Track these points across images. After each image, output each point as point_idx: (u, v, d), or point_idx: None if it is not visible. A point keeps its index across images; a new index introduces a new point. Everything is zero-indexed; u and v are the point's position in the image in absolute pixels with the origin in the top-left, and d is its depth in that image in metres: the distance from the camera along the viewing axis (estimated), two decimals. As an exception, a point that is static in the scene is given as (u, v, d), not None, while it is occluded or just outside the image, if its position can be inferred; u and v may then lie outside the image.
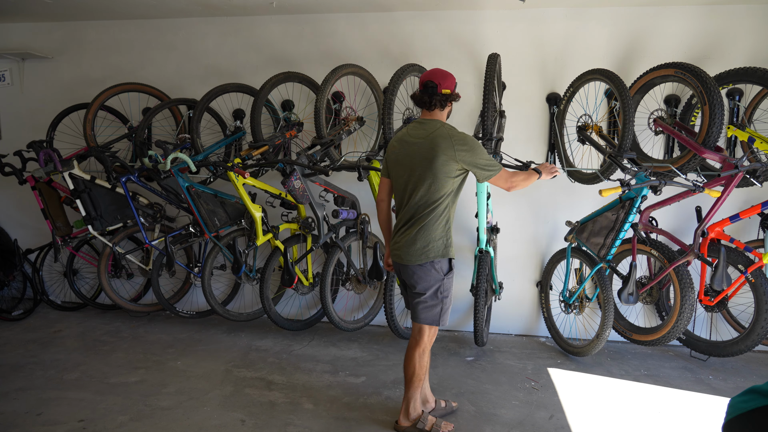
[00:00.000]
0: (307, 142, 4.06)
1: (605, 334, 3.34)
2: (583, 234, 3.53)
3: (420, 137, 2.43)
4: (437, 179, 2.37)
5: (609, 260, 3.34)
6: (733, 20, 3.72)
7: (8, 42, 4.62)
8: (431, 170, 2.37)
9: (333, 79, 3.46)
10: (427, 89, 2.43)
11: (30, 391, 3.02)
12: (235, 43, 4.38)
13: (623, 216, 3.24)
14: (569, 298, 3.60)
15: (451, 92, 2.45)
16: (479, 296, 3.44)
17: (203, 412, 2.79)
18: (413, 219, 2.43)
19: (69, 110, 4.36)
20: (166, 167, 3.59)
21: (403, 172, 2.46)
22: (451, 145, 2.37)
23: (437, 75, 2.44)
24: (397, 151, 2.50)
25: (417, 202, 2.41)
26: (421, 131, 2.44)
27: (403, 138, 2.50)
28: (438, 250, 2.42)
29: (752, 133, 3.29)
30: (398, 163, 2.49)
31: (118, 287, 4.45)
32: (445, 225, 2.44)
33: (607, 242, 3.32)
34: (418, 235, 2.41)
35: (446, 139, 2.38)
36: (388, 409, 2.85)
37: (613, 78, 3.23)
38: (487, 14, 3.99)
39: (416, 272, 2.44)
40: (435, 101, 2.45)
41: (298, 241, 3.90)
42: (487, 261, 3.53)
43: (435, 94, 2.43)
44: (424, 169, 2.38)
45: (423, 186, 2.39)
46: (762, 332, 3.17)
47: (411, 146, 2.44)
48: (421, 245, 2.41)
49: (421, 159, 2.39)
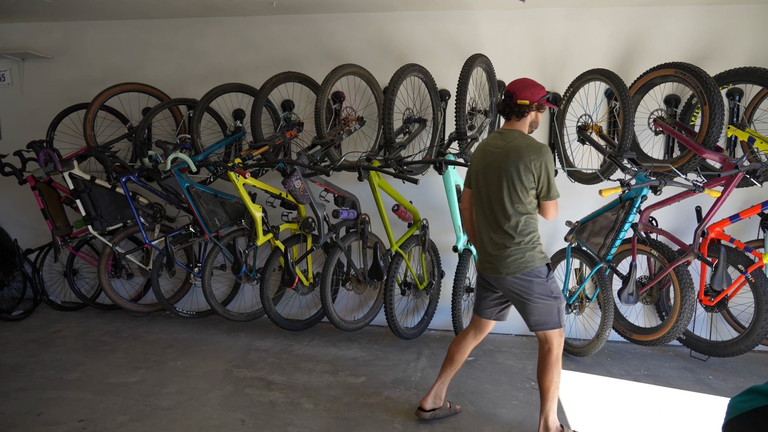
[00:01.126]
0: (307, 142, 4.06)
1: (605, 334, 3.33)
2: (583, 234, 3.52)
3: (498, 147, 2.42)
4: (516, 190, 2.35)
5: (609, 260, 3.34)
6: (733, 20, 3.72)
7: (8, 42, 4.62)
8: (510, 181, 2.35)
9: (333, 79, 3.46)
10: (505, 99, 2.45)
11: (30, 391, 3.02)
12: (235, 43, 4.38)
13: (623, 216, 3.23)
14: (569, 298, 3.59)
15: (529, 102, 2.40)
16: (456, 294, 3.54)
17: (203, 412, 2.79)
18: (500, 231, 2.41)
19: (69, 110, 4.36)
20: (166, 167, 3.59)
21: (483, 182, 2.45)
22: (527, 155, 2.33)
23: (519, 85, 2.43)
24: (478, 162, 2.50)
25: (501, 214, 2.40)
26: (500, 141, 2.43)
27: (484, 148, 2.49)
28: (534, 260, 2.39)
29: (752, 133, 3.29)
30: (479, 174, 2.48)
31: (118, 287, 4.45)
32: (533, 234, 2.41)
33: (607, 242, 3.32)
34: (511, 248, 2.38)
35: (522, 149, 2.34)
36: (388, 409, 2.85)
37: (613, 78, 3.24)
38: (487, 14, 3.99)
39: (517, 282, 2.40)
40: (509, 111, 2.44)
41: (299, 241, 3.90)
42: (468, 259, 3.57)
43: (509, 104, 2.43)
44: (503, 180, 2.37)
45: (504, 197, 2.37)
46: (762, 332, 3.17)
47: (490, 157, 2.43)
48: (517, 257, 2.38)
49: (499, 170, 2.38)
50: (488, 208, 2.44)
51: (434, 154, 3.86)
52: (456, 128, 3.35)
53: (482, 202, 2.48)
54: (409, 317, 4.16)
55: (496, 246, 2.42)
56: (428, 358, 3.60)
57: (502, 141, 2.43)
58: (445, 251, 4.09)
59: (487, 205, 2.45)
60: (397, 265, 3.69)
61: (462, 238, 3.53)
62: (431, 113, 3.92)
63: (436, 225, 4.11)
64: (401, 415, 2.78)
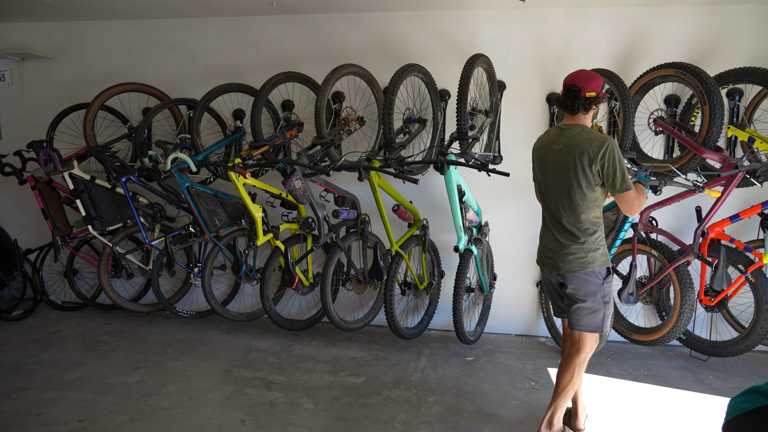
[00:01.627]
0: (307, 142, 4.06)
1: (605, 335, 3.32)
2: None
3: (560, 144, 2.36)
4: (582, 188, 2.31)
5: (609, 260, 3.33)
6: (733, 20, 3.71)
7: (8, 42, 4.62)
8: (575, 178, 2.31)
9: (333, 79, 3.46)
10: (570, 93, 2.34)
11: (30, 391, 3.02)
12: (235, 43, 4.38)
13: (623, 216, 3.22)
14: None
15: (596, 95, 2.33)
16: (458, 294, 3.53)
17: (203, 412, 2.79)
18: (564, 230, 2.38)
19: (69, 110, 4.35)
20: (166, 167, 3.58)
21: (548, 179, 2.43)
22: (590, 148, 2.27)
23: (581, 78, 2.34)
24: (541, 158, 2.47)
25: (565, 213, 2.36)
26: (562, 138, 2.37)
27: (547, 146, 2.44)
28: (596, 261, 2.35)
29: (752, 133, 3.29)
30: (543, 171, 2.46)
31: (118, 287, 4.45)
32: (597, 234, 2.36)
33: (606, 242, 3.31)
34: (573, 246, 2.35)
35: (584, 143, 2.28)
36: (389, 409, 2.85)
37: (613, 78, 3.24)
38: (487, 14, 3.99)
39: (574, 280, 2.38)
40: (578, 105, 2.34)
41: (299, 241, 3.90)
42: (469, 259, 3.55)
43: (578, 97, 2.32)
44: (567, 179, 2.33)
45: (568, 194, 2.34)
46: (762, 332, 3.17)
47: (551, 154, 2.39)
48: (580, 256, 2.35)
49: (562, 168, 2.34)
50: (553, 206, 2.41)
51: (434, 154, 3.86)
52: (457, 128, 3.35)
53: (546, 199, 2.46)
54: (409, 317, 4.16)
55: (559, 244, 2.39)
56: (428, 358, 3.60)
57: (563, 137, 2.37)
58: (445, 251, 4.09)
59: (551, 203, 2.42)
60: (397, 265, 3.69)
61: (463, 238, 3.53)
62: (431, 113, 3.91)
63: (437, 225, 4.11)
64: (401, 415, 2.78)
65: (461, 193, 3.52)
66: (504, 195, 4.07)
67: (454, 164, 3.40)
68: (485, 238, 3.87)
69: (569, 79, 2.37)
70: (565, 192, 2.34)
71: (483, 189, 4.04)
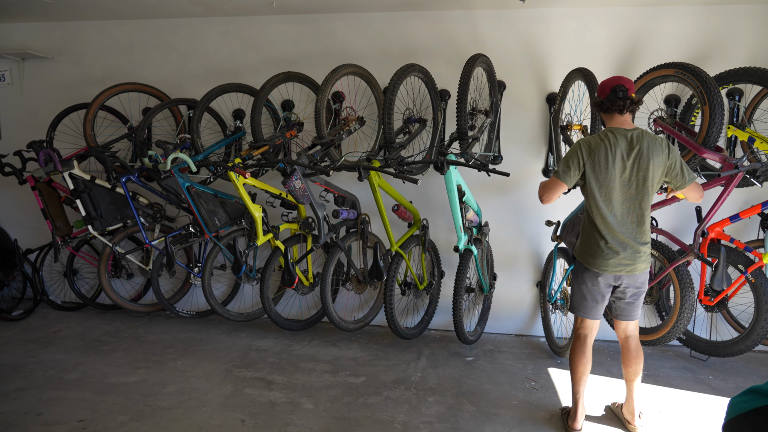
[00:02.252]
0: (307, 142, 4.06)
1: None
2: (563, 233, 3.54)
3: (632, 148, 2.37)
4: (653, 188, 2.40)
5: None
6: (733, 20, 3.72)
7: (8, 42, 4.62)
8: (651, 180, 2.38)
9: (333, 79, 3.46)
10: (620, 94, 2.40)
11: (30, 391, 3.02)
12: (235, 43, 4.38)
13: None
14: (552, 297, 3.66)
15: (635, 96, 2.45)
16: (458, 294, 3.54)
17: (203, 412, 2.79)
18: (640, 231, 2.44)
19: (69, 110, 4.35)
20: (166, 167, 3.58)
21: (615, 184, 2.40)
22: (661, 149, 2.38)
23: (624, 80, 2.43)
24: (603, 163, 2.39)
25: (636, 214, 2.42)
26: (630, 141, 2.39)
27: (612, 151, 2.38)
28: (650, 253, 2.50)
29: (752, 133, 3.29)
30: (607, 176, 2.39)
31: (118, 287, 4.45)
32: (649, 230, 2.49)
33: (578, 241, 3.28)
34: (646, 246, 2.46)
35: (656, 144, 2.37)
36: (389, 409, 2.85)
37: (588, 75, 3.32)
38: (487, 14, 3.99)
39: (643, 275, 2.51)
40: (629, 106, 2.42)
41: (299, 241, 3.90)
42: (468, 259, 3.56)
43: (627, 97, 2.40)
44: (645, 180, 2.38)
45: (642, 197, 2.40)
46: (762, 332, 3.17)
47: (623, 159, 2.38)
48: (648, 251, 2.47)
49: (639, 170, 2.37)
50: (620, 209, 2.42)
51: (434, 154, 3.86)
52: (457, 128, 3.35)
53: (607, 204, 2.42)
54: (409, 317, 4.16)
55: (634, 247, 2.43)
56: (428, 358, 3.60)
57: (631, 141, 2.39)
58: (445, 251, 4.09)
59: (618, 207, 2.42)
60: (397, 265, 3.69)
61: (463, 238, 3.53)
62: (431, 113, 3.92)
63: (437, 225, 4.11)
64: (401, 415, 2.78)
65: (461, 193, 3.52)
66: (502, 194, 4.07)
67: (454, 164, 3.40)
68: (485, 238, 3.87)
69: (613, 81, 2.44)
70: (640, 195, 2.40)
71: (483, 189, 4.04)
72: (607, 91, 2.44)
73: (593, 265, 2.49)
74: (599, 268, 2.47)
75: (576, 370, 2.60)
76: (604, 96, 2.45)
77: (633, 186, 2.39)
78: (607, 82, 2.48)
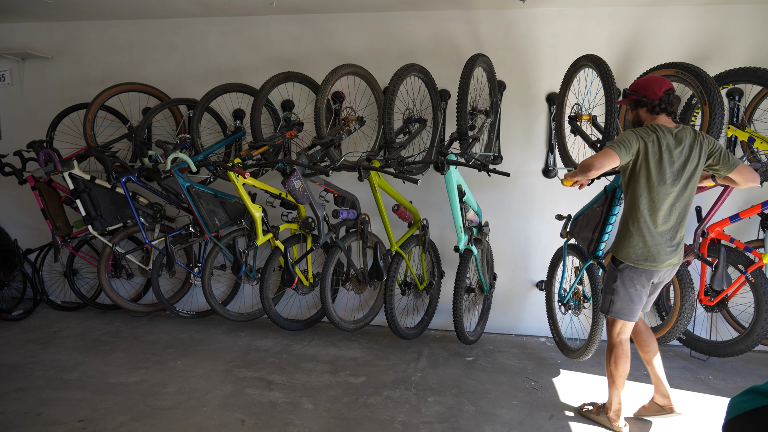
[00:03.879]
0: (307, 142, 4.06)
1: (596, 339, 3.15)
2: (575, 229, 3.36)
3: (684, 146, 2.43)
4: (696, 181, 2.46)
5: (599, 256, 3.15)
6: (733, 20, 3.72)
7: (8, 42, 4.62)
8: (696, 175, 2.45)
9: (333, 79, 3.46)
10: (670, 97, 2.49)
11: (30, 391, 3.02)
12: (235, 43, 4.38)
13: (607, 208, 3.06)
14: (564, 297, 3.49)
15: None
16: (458, 294, 3.53)
17: (203, 412, 2.79)
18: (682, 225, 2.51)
19: (69, 110, 4.35)
20: (166, 167, 3.58)
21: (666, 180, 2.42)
22: (706, 143, 2.45)
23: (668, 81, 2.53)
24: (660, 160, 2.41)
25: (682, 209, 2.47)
26: (680, 139, 2.44)
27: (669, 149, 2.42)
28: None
29: (752, 133, 3.29)
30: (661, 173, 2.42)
31: (118, 287, 4.45)
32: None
33: (594, 236, 3.12)
34: (681, 240, 2.53)
35: (701, 140, 2.45)
36: (389, 409, 2.85)
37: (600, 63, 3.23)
38: (486, 14, 3.99)
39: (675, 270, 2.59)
40: (676, 108, 2.56)
41: (298, 241, 3.90)
42: (469, 259, 3.55)
43: (677, 100, 2.55)
44: (693, 176, 2.44)
45: (690, 192, 2.46)
46: (762, 332, 3.17)
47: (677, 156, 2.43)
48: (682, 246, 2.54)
49: (690, 166, 2.43)
50: (671, 203, 2.45)
51: (434, 154, 3.86)
52: (457, 128, 3.35)
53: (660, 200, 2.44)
54: (409, 317, 4.16)
55: (679, 241, 2.51)
56: (428, 358, 3.60)
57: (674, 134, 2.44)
58: (445, 251, 4.09)
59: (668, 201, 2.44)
60: (397, 265, 3.69)
61: (463, 238, 3.52)
62: (431, 113, 3.92)
63: (437, 225, 4.11)
64: (401, 415, 2.78)
65: (461, 193, 3.52)
66: (502, 194, 4.07)
67: (455, 164, 3.40)
68: (485, 238, 3.87)
69: (662, 83, 2.50)
70: (685, 188, 2.44)
71: (483, 189, 4.04)
72: (660, 93, 2.47)
73: (646, 264, 2.47)
74: (652, 266, 2.47)
75: (622, 375, 2.62)
76: (657, 97, 2.47)
77: (680, 179, 2.42)
78: (654, 82, 2.50)
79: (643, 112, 2.54)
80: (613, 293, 2.56)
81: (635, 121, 2.60)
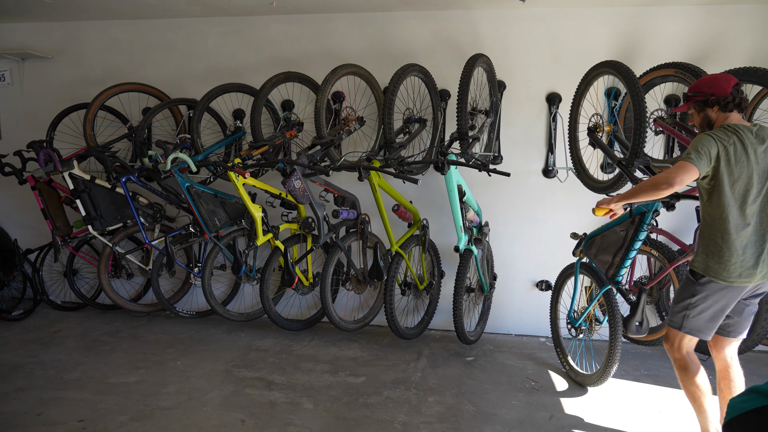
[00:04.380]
0: (307, 142, 4.06)
1: (611, 367, 2.98)
2: (591, 249, 3.11)
3: (761, 144, 2.21)
4: None
5: (618, 281, 2.90)
6: (733, 20, 3.72)
7: (8, 42, 4.62)
8: None
9: (333, 79, 3.46)
10: (741, 91, 2.30)
11: (30, 391, 3.02)
12: (235, 43, 4.38)
13: (633, 233, 2.82)
14: (576, 320, 3.21)
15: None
16: (458, 294, 3.52)
17: (203, 412, 2.79)
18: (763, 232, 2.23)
19: (69, 110, 4.35)
20: (166, 167, 3.58)
21: (748, 182, 2.20)
22: None
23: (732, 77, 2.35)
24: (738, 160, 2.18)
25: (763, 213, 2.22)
26: (750, 133, 2.22)
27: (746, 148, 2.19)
28: None
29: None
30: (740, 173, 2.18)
31: (118, 287, 4.45)
32: None
33: (615, 261, 2.90)
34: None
35: None
36: (389, 409, 2.85)
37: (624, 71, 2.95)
38: (486, 14, 3.99)
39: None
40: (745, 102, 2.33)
41: (298, 241, 3.90)
42: (469, 259, 3.55)
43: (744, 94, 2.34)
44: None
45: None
46: (762, 332, 3.17)
47: (755, 156, 2.19)
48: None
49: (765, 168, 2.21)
50: (759, 207, 2.21)
51: (434, 154, 3.86)
52: (457, 128, 3.35)
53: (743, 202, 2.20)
54: (409, 317, 4.16)
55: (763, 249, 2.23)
56: (428, 358, 3.60)
57: (754, 133, 2.22)
58: (445, 251, 4.09)
59: (753, 206, 2.21)
60: (397, 265, 3.69)
61: (463, 238, 3.52)
62: (431, 113, 3.92)
63: (437, 225, 4.11)
64: (401, 415, 2.78)
65: (461, 193, 3.52)
66: (502, 194, 4.07)
67: (455, 164, 3.40)
68: (485, 238, 3.87)
69: (728, 78, 2.31)
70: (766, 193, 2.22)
71: (483, 189, 4.04)
72: (729, 89, 2.28)
73: (740, 281, 2.22)
74: (746, 281, 2.22)
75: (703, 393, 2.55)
76: (727, 93, 2.27)
77: (766, 180, 2.20)
78: (720, 79, 2.33)
79: (713, 112, 2.32)
80: (688, 308, 2.35)
81: (704, 124, 2.38)
